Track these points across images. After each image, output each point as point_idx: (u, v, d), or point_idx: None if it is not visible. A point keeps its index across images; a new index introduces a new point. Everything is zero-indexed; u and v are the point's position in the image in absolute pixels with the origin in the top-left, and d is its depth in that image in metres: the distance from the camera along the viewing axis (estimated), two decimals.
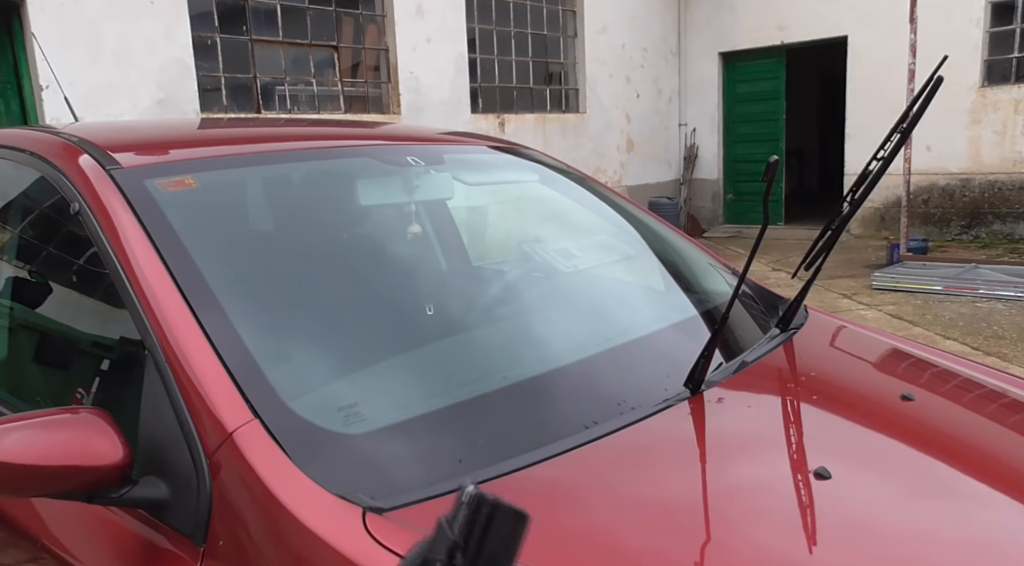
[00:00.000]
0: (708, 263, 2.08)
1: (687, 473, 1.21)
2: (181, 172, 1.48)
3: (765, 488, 1.17)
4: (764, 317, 1.82)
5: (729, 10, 10.44)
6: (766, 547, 1.04)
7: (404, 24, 7.84)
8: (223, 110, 6.80)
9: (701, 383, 1.37)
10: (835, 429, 1.43)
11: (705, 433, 1.33)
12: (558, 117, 9.54)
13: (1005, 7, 8.55)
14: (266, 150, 1.80)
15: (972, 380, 1.66)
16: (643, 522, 1.08)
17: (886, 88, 8.72)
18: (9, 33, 5.72)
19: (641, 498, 1.13)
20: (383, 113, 7.92)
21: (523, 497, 1.06)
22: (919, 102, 1.45)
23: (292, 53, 7.37)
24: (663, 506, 1.13)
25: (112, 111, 5.91)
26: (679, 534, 1.06)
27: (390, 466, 1.12)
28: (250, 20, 6.95)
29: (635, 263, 2.12)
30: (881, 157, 1.53)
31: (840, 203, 1.61)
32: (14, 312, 1.76)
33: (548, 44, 9.57)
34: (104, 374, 1.38)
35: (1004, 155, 8.68)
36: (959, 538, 1.11)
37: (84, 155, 1.46)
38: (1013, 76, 8.62)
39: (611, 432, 1.24)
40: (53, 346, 1.65)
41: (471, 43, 8.59)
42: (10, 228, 1.80)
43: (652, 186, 10.59)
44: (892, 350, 1.82)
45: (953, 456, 1.33)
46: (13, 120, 5.72)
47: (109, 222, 1.31)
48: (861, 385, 1.66)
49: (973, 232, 8.97)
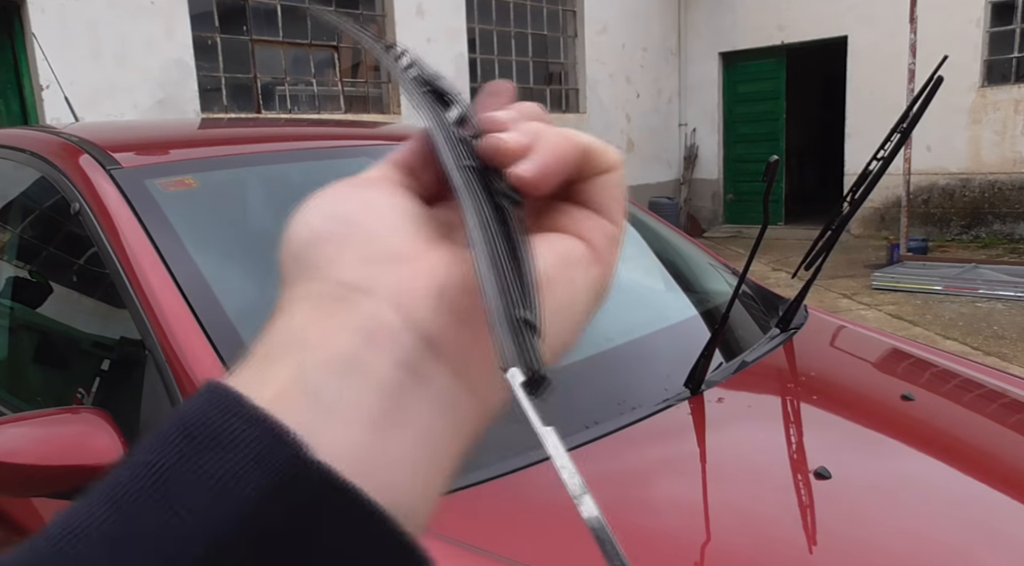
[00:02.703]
0: (708, 263, 2.09)
1: (687, 473, 1.21)
2: (181, 172, 1.48)
3: (765, 488, 1.17)
4: (764, 317, 1.82)
5: (729, 10, 10.43)
6: (766, 547, 1.04)
7: (404, 24, 7.84)
8: (223, 110, 6.80)
9: (701, 383, 1.37)
10: (835, 429, 1.43)
11: (705, 433, 1.33)
12: (558, 117, 9.54)
13: (1005, 7, 8.55)
14: (266, 150, 1.80)
15: (972, 380, 1.66)
16: (643, 522, 1.08)
17: (886, 88, 8.71)
18: (9, 33, 5.72)
19: (641, 498, 1.13)
20: (383, 113, 7.92)
21: (523, 497, 1.06)
22: (919, 102, 1.45)
23: (292, 53, 7.37)
24: (663, 506, 1.13)
25: (112, 111, 5.91)
26: (679, 534, 1.06)
27: None
28: (250, 20, 6.95)
29: (635, 263, 2.12)
30: (881, 157, 1.53)
31: (840, 203, 1.61)
32: (14, 312, 1.76)
33: (548, 44, 9.57)
34: (104, 374, 1.38)
35: (1004, 155, 8.68)
36: (959, 538, 1.11)
37: (84, 155, 1.46)
38: (1013, 76, 8.61)
39: (611, 432, 1.24)
40: (53, 346, 1.65)
41: (471, 43, 8.59)
42: (10, 228, 1.80)
43: (652, 186, 10.59)
44: (892, 350, 1.82)
45: (953, 456, 1.33)
46: (13, 120, 5.72)
47: (109, 222, 1.31)
48: (861, 385, 1.66)
49: (973, 232, 8.97)
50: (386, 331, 0.24)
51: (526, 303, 0.23)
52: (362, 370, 0.24)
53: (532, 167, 0.27)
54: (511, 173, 0.28)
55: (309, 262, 0.26)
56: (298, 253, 0.27)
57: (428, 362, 0.25)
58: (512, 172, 0.28)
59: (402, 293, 0.25)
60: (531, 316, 0.23)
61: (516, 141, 0.28)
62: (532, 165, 0.27)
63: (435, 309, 0.25)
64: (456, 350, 0.26)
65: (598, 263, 0.29)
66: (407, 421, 0.24)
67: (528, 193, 0.28)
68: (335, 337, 0.24)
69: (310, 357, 0.24)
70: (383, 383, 0.24)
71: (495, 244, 0.25)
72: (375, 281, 0.25)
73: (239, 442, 0.21)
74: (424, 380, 0.25)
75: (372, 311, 0.25)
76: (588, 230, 0.29)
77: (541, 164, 0.28)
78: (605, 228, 0.30)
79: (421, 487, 0.24)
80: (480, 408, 0.26)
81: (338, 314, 0.25)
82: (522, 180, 0.27)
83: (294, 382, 0.23)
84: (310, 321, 0.25)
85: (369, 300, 0.25)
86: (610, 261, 0.30)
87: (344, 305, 0.25)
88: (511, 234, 0.26)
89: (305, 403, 0.23)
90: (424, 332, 0.25)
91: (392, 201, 0.28)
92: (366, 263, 0.26)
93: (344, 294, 0.25)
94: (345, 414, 0.23)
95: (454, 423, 0.26)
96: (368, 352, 0.24)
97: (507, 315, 0.23)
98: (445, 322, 0.25)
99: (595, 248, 0.29)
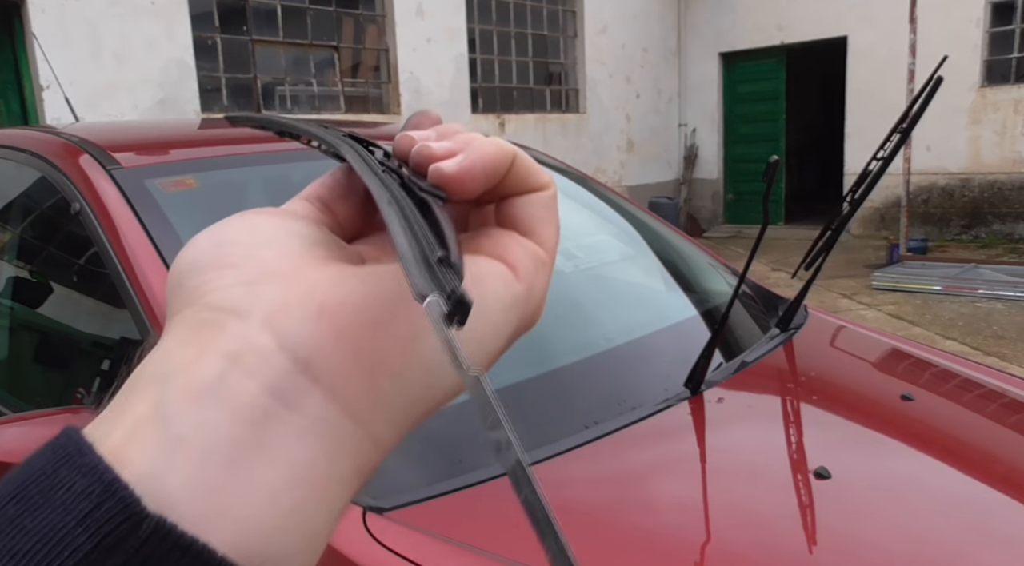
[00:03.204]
0: (708, 263, 2.09)
1: (687, 473, 1.21)
2: (181, 172, 1.49)
3: (765, 488, 1.17)
4: (764, 317, 1.82)
5: (729, 10, 10.43)
6: (766, 547, 1.04)
7: (404, 24, 7.84)
8: (223, 110, 6.80)
9: (701, 383, 1.38)
10: (835, 429, 1.43)
11: (705, 433, 1.34)
12: (558, 117, 9.54)
13: (1005, 7, 8.55)
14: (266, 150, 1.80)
15: (972, 380, 1.66)
16: (643, 522, 1.08)
17: (886, 88, 8.71)
18: (10, 33, 5.72)
19: (641, 498, 1.13)
20: (383, 113, 7.92)
21: None
22: (919, 102, 1.45)
23: (292, 53, 7.37)
24: (663, 506, 1.14)
25: (112, 111, 5.91)
26: (679, 534, 1.06)
27: (390, 466, 1.12)
28: (250, 20, 6.95)
29: (635, 263, 2.12)
30: (881, 157, 1.53)
31: (840, 203, 1.61)
32: (15, 312, 1.76)
33: (548, 44, 9.57)
34: (105, 374, 1.38)
35: (1004, 155, 8.68)
36: (959, 538, 1.11)
37: (85, 155, 1.46)
38: (1013, 76, 8.61)
39: (611, 432, 1.24)
40: (54, 346, 1.65)
41: (471, 43, 8.59)
42: (11, 228, 1.80)
43: (652, 186, 10.59)
44: (892, 350, 1.82)
45: (953, 456, 1.33)
46: (13, 120, 5.72)
47: (109, 222, 1.31)
48: (861, 385, 1.66)
49: (973, 232, 8.97)
50: (255, 354, 0.22)
51: (443, 246, 0.22)
52: (223, 398, 0.21)
53: (455, 164, 0.26)
54: (432, 169, 0.26)
55: (186, 290, 0.24)
56: (177, 284, 0.25)
57: (303, 387, 0.22)
58: (434, 168, 0.26)
59: (276, 312, 0.23)
60: (446, 255, 0.21)
61: (443, 146, 0.27)
62: (455, 163, 0.26)
63: (313, 330, 0.23)
64: (339, 375, 0.23)
65: (520, 281, 0.27)
66: (274, 453, 0.21)
67: (452, 192, 0.26)
68: (198, 363, 0.22)
69: (170, 388, 0.22)
70: (246, 411, 0.21)
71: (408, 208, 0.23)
72: (250, 302, 0.23)
73: (69, 498, 0.19)
74: (297, 407, 0.22)
75: (242, 333, 0.22)
76: (511, 251, 0.27)
77: (466, 162, 0.26)
78: (531, 250, 0.28)
79: (295, 529, 0.21)
80: (370, 443, 0.23)
81: (206, 339, 0.22)
82: (444, 176, 0.26)
83: (148, 417, 0.21)
84: (176, 349, 0.23)
85: (241, 322, 0.23)
86: (535, 283, 0.28)
87: (214, 329, 0.23)
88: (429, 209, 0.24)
89: (156, 440, 0.21)
90: (299, 354, 0.22)
91: (280, 223, 0.26)
92: (242, 284, 0.24)
93: (216, 318, 0.23)
94: (198, 448, 0.21)
95: (334, 456, 0.22)
96: (232, 377, 0.22)
97: (420, 255, 0.21)
98: (326, 344, 0.23)
99: (515, 268, 0.27)
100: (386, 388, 0.23)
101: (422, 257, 0.21)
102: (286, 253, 0.25)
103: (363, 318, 0.23)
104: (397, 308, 0.24)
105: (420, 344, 0.24)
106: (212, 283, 0.24)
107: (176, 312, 0.24)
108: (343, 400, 0.23)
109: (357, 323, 0.23)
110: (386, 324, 0.24)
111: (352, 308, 0.23)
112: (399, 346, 0.24)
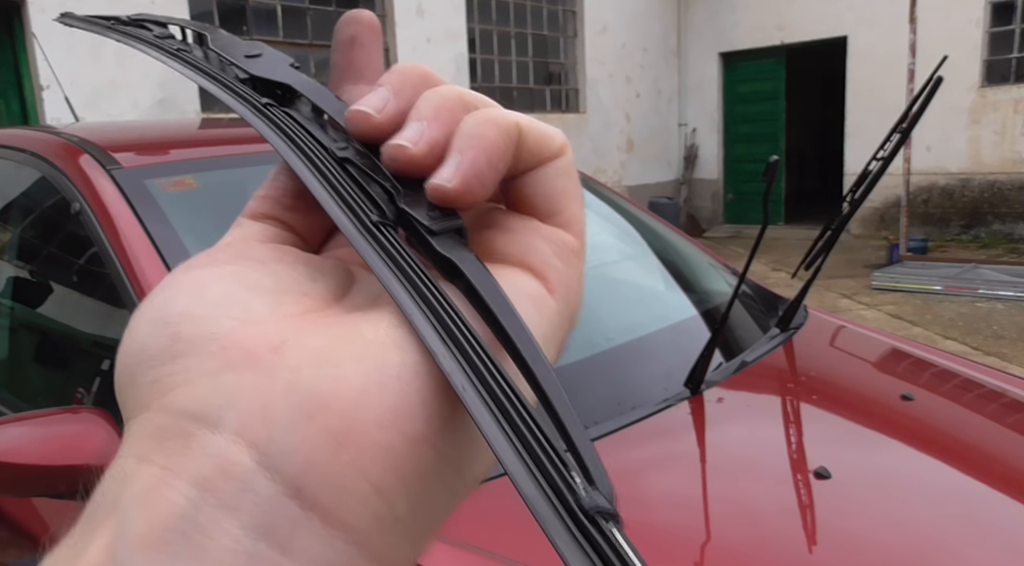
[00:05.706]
0: (708, 263, 2.09)
1: (687, 473, 1.21)
2: (181, 172, 1.49)
3: (765, 488, 1.17)
4: (764, 317, 1.82)
5: (729, 10, 10.43)
6: (766, 546, 1.04)
7: (404, 24, 7.84)
8: (223, 110, 6.79)
9: (701, 383, 1.38)
10: (835, 429, 1.43)
11: (705, 433, 1.34)
12: (558, 117, 9.54)
13: (1005, 7, 8.55)
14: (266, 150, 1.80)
15: (972, 380, 1.66)
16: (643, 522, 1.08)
17: (886, 88, 8.71)
18: (10, 33, 5.72)
19: (641, 498, 1.13)
20: None
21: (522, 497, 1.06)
22: (919, 102, 1.45)
23: (292, 53, 7.36)
24: (663, 506, 1.13)
25: (113, 111, 5.91)
26: (679, 534, 1.06)
27: None
28: (250, 20, 6.96)
29: (635, 263, 2.12)
30: (881, 157, 1.53)
31: (840, 203, 1.61)
32: (15, 312, 1.76)
33: (548, 44, 9.57)
34: (104, 374, 1.38)
35: (1004, 155, 8.68)
36: (959, 537, 1.11)
37: (85, 155, 1.46)
38: (1013, 76, 8.61)
39: (611, 432, 1.24)
40: (54, 346, 1.65)
41: (471, 43, 8.59)
42: (11, 228, 1.80)
43: (652, 186, 10.59)
44: (892, 350, 1.82)
45: (953, 456, 1.33)
46: (13, 120, 5.72)
47: (110, 222, 1.31)
48: (861, 385, 1.66)
49: (973, 232, 8.97)
50: (232, 479, 0.17)
51: (561, 429, 0.15)
52: (195, 543, 0.16)
53: (454, 173, 0.20)
54: (432, 190, 0.20)
55: (141, 389, 0.19)
56: (128, 381, 0.19)
57: (295, 520, 0.17)
58: (433, 188, 0.20)
59: (252, 414, 0.17)
60: (573, 451, 0.15)
61: (421, 139, 0.21)
62: (454, 170, 0.20)
63: (302, 436, 0.17)
64: (342, 498, 0.17)
65: (554, 293, 0.22)
66: None
67: (460, 207, 0.20)
68: (160, 492, 0.17)
69: (128, 525, 0.17)
70: (227, 560, 0.16)
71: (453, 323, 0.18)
72: (218, 402, 0.18)
73: None
74: (291, 549, 0.17)
75: (214, 448, 0.17)
76: (535, 251, 0.22)
77: (467, 165, 0.20)
78: (558, 241, 0.22)
79: None
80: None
81: (168, 455, 0.17)
82: (445, 194, 0.20)
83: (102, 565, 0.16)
84: (134, 469, 0.18)
85: (214, 434, 0.17)
86: (570, 286, 0.22)
87: (177, 442, 0.17)
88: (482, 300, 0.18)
89: None
90: (287, 473, 0.17)
91: (233, 274, 0.20)
92: (209, 376, 0.18)
93: (179, 426, 0.18)
94: None
95: None
96: (205, 513, 0.16)
97: (526, 458, 0.15)
98: (320, 454, 0.17)
99: (544, 276, 0.22)
100: (405, 505, 0.18)
101: (532, 463, 0.16)
102: (251, 319, 0.19)
103: (368, 414, 0.18)
104: (410, 390, 0.18)
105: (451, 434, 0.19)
106: (170, 379, 0.18)
107: (131, 416, 0.19)
108: (349, 529, 0.17)
109: (361, 422, 0.17)
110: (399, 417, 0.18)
111: (351, 401, 0.18)
112: (418, 448, 0.18)
